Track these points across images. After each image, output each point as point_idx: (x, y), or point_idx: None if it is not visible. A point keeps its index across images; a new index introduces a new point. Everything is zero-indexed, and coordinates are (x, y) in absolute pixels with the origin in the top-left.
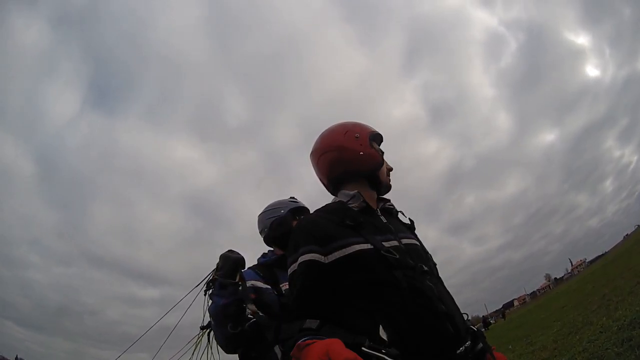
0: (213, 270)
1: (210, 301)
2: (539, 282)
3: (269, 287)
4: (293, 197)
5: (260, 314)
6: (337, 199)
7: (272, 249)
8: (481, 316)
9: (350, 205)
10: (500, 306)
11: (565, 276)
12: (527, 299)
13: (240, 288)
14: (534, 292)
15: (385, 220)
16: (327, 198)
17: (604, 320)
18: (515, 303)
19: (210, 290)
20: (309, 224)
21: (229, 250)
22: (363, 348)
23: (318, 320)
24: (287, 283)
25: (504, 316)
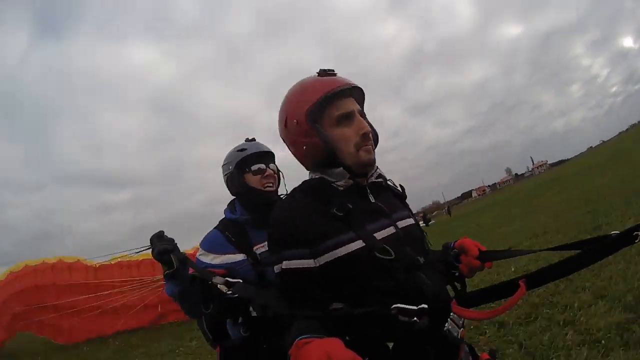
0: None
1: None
2: (500, 176)
3: (243, 258)
4: (248, 139)
5: (232, 280)
6: (319, 175)
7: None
8: (422, 211)
9: (336, 184)
10: (459, 194)
11: (527, 174)
12: (486, 191)
13: (191, 275)
14: (494, 184)
15: (373, 200)
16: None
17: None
18: (474, 194)
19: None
20: (291, 219)
21: (156, 236)
22: (394, 306)
23: (342, 304)
24: (261, 245)
25: (449, 212)
